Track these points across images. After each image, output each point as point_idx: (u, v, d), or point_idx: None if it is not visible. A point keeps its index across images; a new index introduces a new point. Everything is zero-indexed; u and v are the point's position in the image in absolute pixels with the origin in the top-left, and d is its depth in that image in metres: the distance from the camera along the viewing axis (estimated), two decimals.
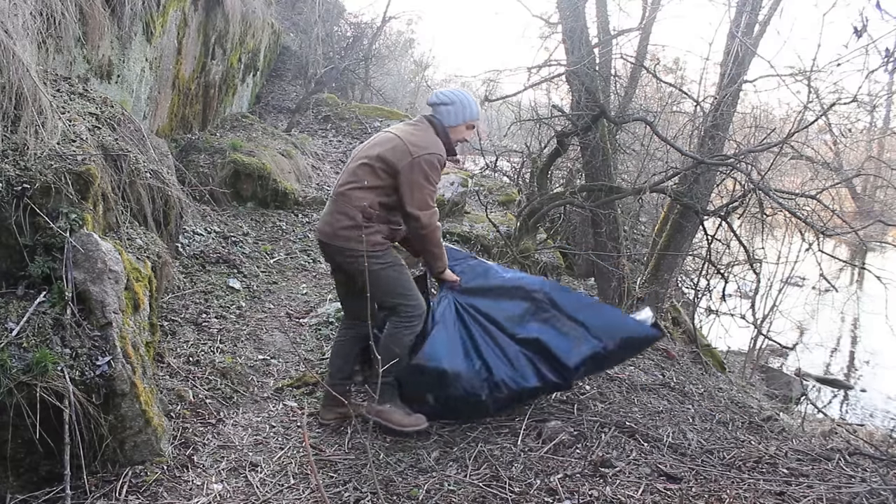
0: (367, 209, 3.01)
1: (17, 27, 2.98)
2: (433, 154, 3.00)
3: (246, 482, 2.77)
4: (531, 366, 3.21)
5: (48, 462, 2.52)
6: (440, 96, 3.16)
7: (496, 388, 3.15)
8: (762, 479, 2.76)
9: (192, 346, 3.89)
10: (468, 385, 3.10)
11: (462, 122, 3.15)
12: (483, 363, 3.14)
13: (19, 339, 2.51)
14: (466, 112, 3.14)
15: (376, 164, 3.02)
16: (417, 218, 3.00)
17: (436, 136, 3.10)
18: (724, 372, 6.46)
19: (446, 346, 3.11)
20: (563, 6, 5.95)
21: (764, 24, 6.21)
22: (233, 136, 7.35)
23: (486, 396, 3.14)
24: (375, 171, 3.02)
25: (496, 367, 3.15)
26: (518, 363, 3.20)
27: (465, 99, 3.15)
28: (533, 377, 3.20)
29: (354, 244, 2.96)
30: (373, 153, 3.05)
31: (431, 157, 2.98)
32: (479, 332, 3.21)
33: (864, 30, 2.82)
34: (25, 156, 2.82)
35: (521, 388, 3.20)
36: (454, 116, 3.14)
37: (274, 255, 5.83)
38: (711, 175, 6.12)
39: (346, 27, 13.65)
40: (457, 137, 3.18)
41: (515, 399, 3.30)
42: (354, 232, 2.98)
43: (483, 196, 9.10)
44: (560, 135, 5.72)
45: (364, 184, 3.02)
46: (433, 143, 3.06)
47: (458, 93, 3.17)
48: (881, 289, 5.00)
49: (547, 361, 3.23)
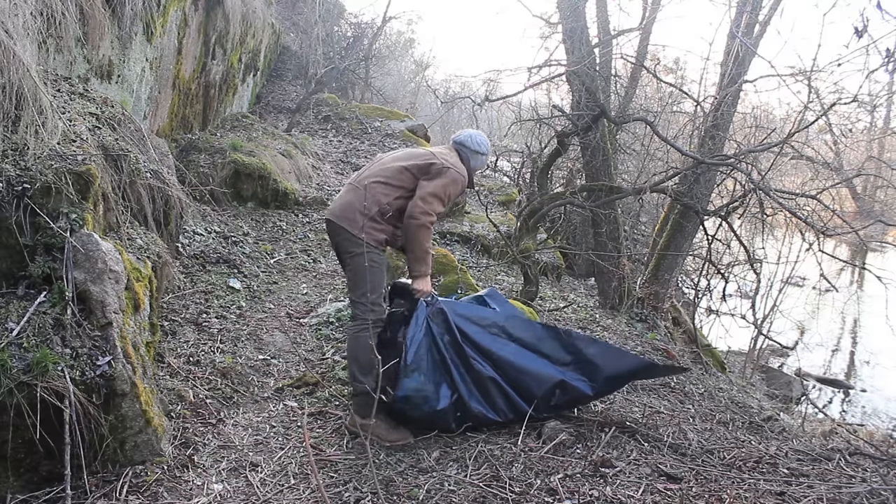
0: (385, 206, 3.21)
1: (17, 27, 2.98)
2: (461, 172, 3.34)
3: (246, 482, 2.77)
4: (501, 396, 3.21)
5: (48, 462, 2.52)
6: (478, 143, 3.51)
7: (468, 415, 3.18)
8: (762, 479, 2.76)
9: (193, 346, 3.89)
10: (442, 418, 3.16)
11: (481, 167, 3.62)
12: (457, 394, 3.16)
13: (20, 339, 2.51)
14: (485, 161, 3.63)
15: (411, 168, 3.29)
16: (417, 205, 3.18)
17: (462, 165, 3.45)
18: (724, 372, 6.46)
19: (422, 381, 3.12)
20: (563, 6, 5.95)
21: (764, 24, 6.22)
22: (233, 136, 7.35)
23: (456, 424, 3.19)
24: (405, 173, 3.28)
25: (468, 397, 3.17)
26: (489, 392, 3.21)
27: (488, 150, 3.61)
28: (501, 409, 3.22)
29: (357, 231, 3.15)
30: (410, 163, 3.32)
31: (458, 175, 3.31)
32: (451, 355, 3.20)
33: (864, 30, 2.82)
34: (26, 156, 2.82)
35: (489, 419, 3.21)
36: (479, 163, 3.57)
37: (274, 255, 5.84)
38: (711, 175, 6.12)
39: (347, 27, 13.67)
40: (473, 173, 3.58)
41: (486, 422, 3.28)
42: (362, 219, 3.15)
43: (483, 196, 9.10)
44: (560, 135, 5.72)
45: (391, 182, 3.26)
46: (462, 167, 3.41)
47: (487, 143, 3.58)
48: (881, 289, 5.00)
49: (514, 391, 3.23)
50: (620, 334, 5.57)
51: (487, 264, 6.67)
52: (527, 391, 3.22)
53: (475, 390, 3.18)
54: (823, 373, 9.01)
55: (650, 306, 6.37)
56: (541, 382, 3.24)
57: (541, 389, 3.23)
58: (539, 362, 3.29)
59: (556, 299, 6.46)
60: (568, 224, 8.90)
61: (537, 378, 3.24)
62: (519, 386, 3.22)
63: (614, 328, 5.70)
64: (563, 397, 3.28)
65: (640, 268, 7.11)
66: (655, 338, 5.78)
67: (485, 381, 3.18)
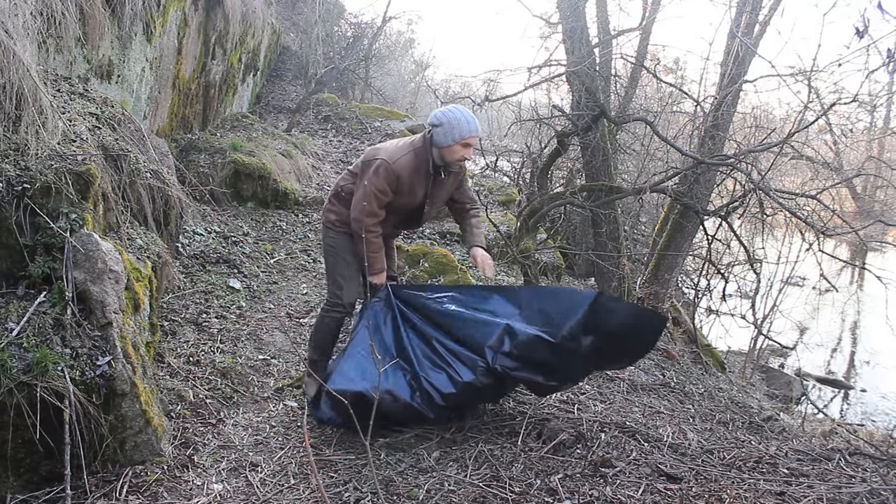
0: (339, 188, 3.43)
1: (17, 27, 2.98)
2: (385, 159, 3.17)
3: (246, 482, 2.77)
4: (450, 354, 3.14)
5: (48, 462, 2.52)
6: (432, 118, 3.25)
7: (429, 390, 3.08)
8: (762, 479, 2.76)
9: (193, 346, 3.89)
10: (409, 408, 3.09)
11: (452, 142, 3.18)
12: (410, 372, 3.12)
13: (20, 339, 2.51)
14: (456, 132, 3.16)
15: (359, 165, 3.38)
16: (352, 213, 3.29)
17: (410, 148, 3.23)
18: (724, 372, 6.46)
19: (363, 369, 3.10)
20: (563, 6, 5.96)
21: (764, 24, 6.22)
22: (233, 136, 7.35)
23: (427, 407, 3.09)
24: (358, 168, 3.38)
25: (420, 368, 3.12)
26: (440, 354, 3.16)
27: (454, 119, 3.17)
28: (456, 370, 3.11)
29: (325, 219, 3.49)
30: (362, 159, 3.36)
31: (381, 165, 3.17)
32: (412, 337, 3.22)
33: (865, 31, 2.82)
34: (26, 156, 2.82)
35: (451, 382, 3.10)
36: (443, 138, 3.19)
37: (274, 255, 5.84)
38: (711, 175, 6.12)
39: (346, 27, 13.66)
40: (453, 157, 3.23)
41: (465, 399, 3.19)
42: (328, 207, 3.48)
43: (483, 196, 9.10)
44: (560, 135, 5.72)
45: (354, 171, 3.40)
46: (393, 151, 3.22)
47: (450, 113, 3.20)
48: (881, 289, 5.00)
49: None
50: None
51: None
52: (473, 341, 3.14)
53: (425, 360, 3.16)
54: (823, 373, 9.01)
55: (650, 306, 6.37)
56: (486, 331, 3.14)
57: (488, 338, 3.11)
58: (483, 315, 3.24)
59: None
60: (568, 224, 8.90)
61: (482, 327, 3.16)
62: (465, 340, 3.16)
63: None
64: (518, 345, 3.07)
65: (639, 268, 7.11)
66: None
67: (431, 343, 3.19)
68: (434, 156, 3.23)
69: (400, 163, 3.17)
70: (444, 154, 3.21)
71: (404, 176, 3.18)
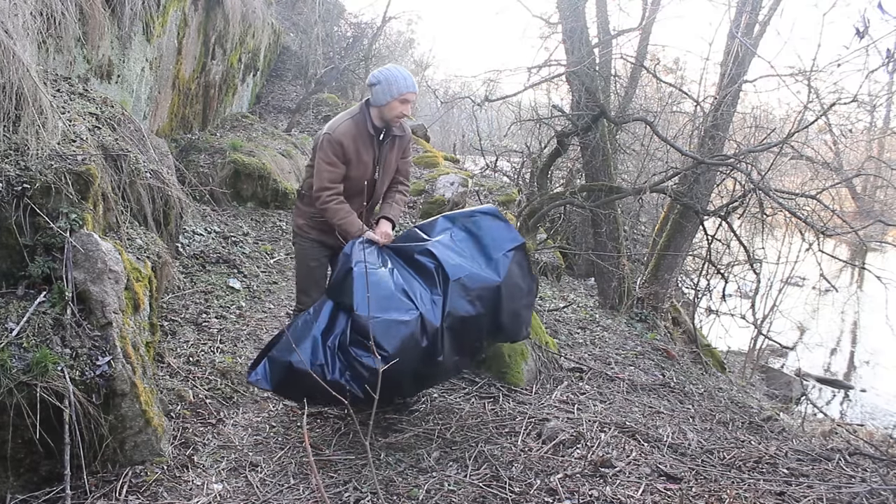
0: (301, 192, 3.43)
1: (17, 27, 2.98)
2: (325, 132, 3.19)
3: (246, 482, 2.77)
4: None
5: (48, 462, 2.52)
6: (370, 78, 3.25)
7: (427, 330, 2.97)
8: (762, 479, 2.76)
9: (192, 346, 3.89)
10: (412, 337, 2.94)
11: (390, 99, 3.18)
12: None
13: (19, 339, 2.51)
14: (394, 88, 3.16)
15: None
16: (314, 195, 3.26)
17: (348, 115, 3.25)
18: (724, 372, 6.46)
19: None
20: (563, 6, 5.96)
21: (764, 24, 6.22)
22: (233, 136, 7.35)
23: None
24: (310, 166, 3.38)
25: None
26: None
27: (390, 76, 3.17)
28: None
29: (294, 224, 3.49)
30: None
31: (322, 137, 3.19)
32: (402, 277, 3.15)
33: (866, 31, 2.82)
34: (26, 156, 2.82)
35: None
36: (381, 96, 3.19)
37: (274, 255, 5.83)
38: (711, 175, 6.13)
39: (346, 27, 13.66)
40: (392, 114, 3.23)
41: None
42: (295, 212, 3.51)
43: (483, 196, 9.10)
44: (560, 135, 5.73)
45: (307, 176, 3.38)
46: (332, 123, 3.25)
47: (385, 71, 3.22)
48: (881, 289, 5.01)
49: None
50: (620, 334, 5.57)
51: None
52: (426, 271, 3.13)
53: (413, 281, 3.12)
54: (823, 373, 9.01)
55: (650, 306, 6.37)
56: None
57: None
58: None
59: (556, 299, 6.46)
60: (568, 224, 8.91)
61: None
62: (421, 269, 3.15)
63: (614, 328, 5.70)
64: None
65: (639, 268, 7.11)
66: (655, 338, 5.78)
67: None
68: (373, 117, 3.24)
69: (339, 130, 3.18)
70: (383, 112, 3.22)
71: (347, 142, 3.17)
